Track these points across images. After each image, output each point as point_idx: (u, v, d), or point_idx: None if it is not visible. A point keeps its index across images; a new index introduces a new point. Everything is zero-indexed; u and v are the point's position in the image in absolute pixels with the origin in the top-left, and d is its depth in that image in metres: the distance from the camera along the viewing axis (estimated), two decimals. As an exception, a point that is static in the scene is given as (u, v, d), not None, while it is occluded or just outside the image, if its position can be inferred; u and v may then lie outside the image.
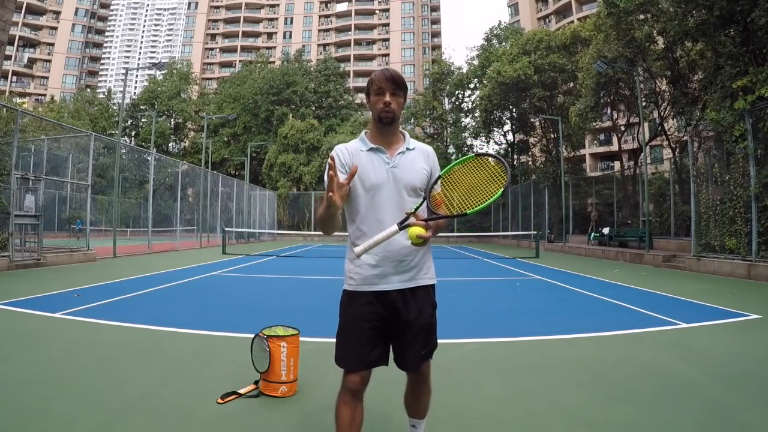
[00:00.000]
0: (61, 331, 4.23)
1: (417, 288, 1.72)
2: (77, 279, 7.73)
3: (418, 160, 1.72)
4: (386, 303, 1.68)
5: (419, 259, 1.72)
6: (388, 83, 1.65)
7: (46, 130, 14.56)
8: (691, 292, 7.20)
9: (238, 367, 3.10)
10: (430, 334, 1.75)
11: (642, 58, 19.04)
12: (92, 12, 66.41)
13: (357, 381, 1.66)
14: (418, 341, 1.71)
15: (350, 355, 1.67)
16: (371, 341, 1.67)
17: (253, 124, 44.56)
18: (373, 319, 1.67)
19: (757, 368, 3.33)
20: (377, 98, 1.67)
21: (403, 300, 1.69)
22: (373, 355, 1.67)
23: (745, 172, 9.75)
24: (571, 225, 24.14)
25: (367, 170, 1.67)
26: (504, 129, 35.96)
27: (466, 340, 3.98)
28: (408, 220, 1.52)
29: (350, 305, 1.71)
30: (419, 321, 1.70)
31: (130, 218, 29.25)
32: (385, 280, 1.68)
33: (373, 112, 1.70)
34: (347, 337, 1.69)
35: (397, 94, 1.67)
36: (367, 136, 1.75)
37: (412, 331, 1.69)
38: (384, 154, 1.70)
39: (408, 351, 1.71)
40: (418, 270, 1.72)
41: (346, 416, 1.64)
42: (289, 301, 6.43)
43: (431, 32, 67.69)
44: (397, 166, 1.68)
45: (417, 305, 1.70)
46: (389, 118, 1.67)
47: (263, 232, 27.73)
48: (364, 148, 1.71)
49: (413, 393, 1.88)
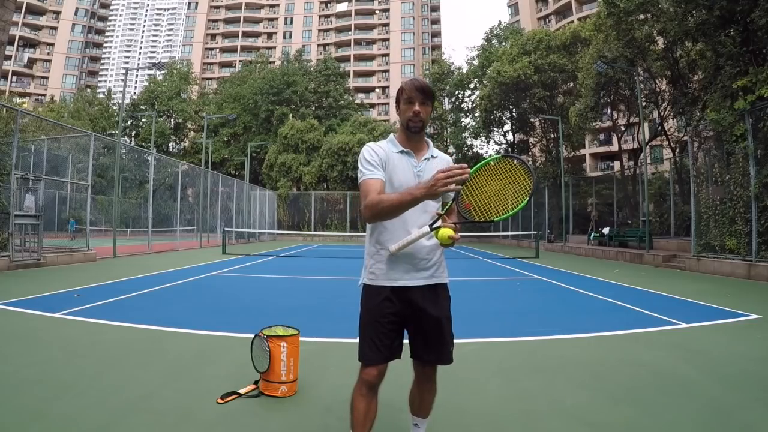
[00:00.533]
0: (61, 331, 4.23)
1: (437, 285, 1.81)
2: (77, 279, 7.73)
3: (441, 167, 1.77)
4: (405, 298, 1.74)
5: (438, 257, 1.81)
6: (417, 93, 1.73)
7: (46, 130, 14.54)
8: (691, 292, 7.20)
9: (238, 367, 3.10)
10: (450, 330, 1.84)
11: (642, 58, 19.05)
12: (92, 12, 66.37)
13: (374, 374, 1.72)
14: (444, 333, 1.80)
15: (367, 349, 1.73)
16: (389, 335, 1.73)
17: (253, 124, 44.54)
18: (391, 314, 1.73)
19: (757, 368, 3.33)
20: (407, 107, 1.75)
21: (422, 296, 1.76)
22: (389, 350, 1.74)
23: (745, 172, 9.75)
24: (571, 225, 24.14)
25: (396, 170, 1.76)
26: (504, 129, 35.99)
27: (466, 340, 3.97)
28: (438, 221, 1.60)
29: (369, 299, 1.77)
30: (442, 314, 1.80)
31: (130, 218, 29.22)
32: (406, 276, 1.75)
33: (402, 119, 1.79)
34: (366, 331, 1.76)
35: (426, 104, 1.75)
36: (396, 139, 1.83)
37: (436, 324, 1.78)
38: (413, 158, 1.79)
39: (435, 343, 1.79)
40: (437, 268, 1.81)
41: (361, 408, 1.71)
42: (289, 301, 6.43)
43: (431, 32, 67.66)
44: (423, 171, 1.77)
45: (438, 300, 1.80)
46: (418, 127, 1.75)
47: (263, 232, 27.72)
48: (395, 150, 1.79)
49: (419, 391, 1.92)
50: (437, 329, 1.79)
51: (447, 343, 1.82)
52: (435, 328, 1.79)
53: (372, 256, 1.79)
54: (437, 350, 1.81)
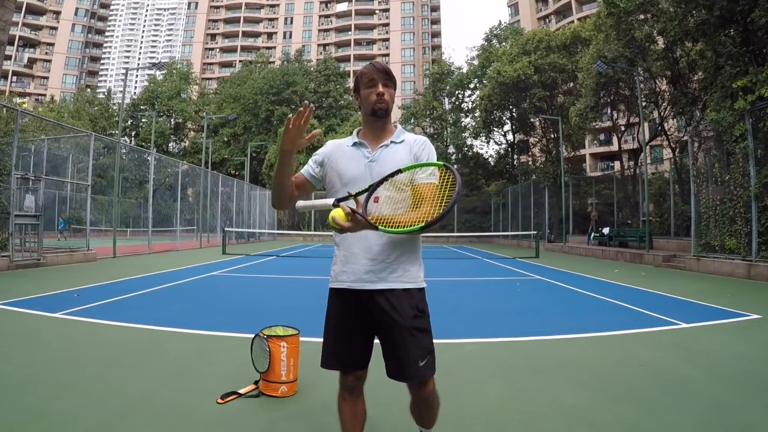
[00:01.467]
0: (61, 331, 4.23)
1: (394, 290, 1.56)
2: (77, 279, 7.73)
3: (401, 152, 1.61)
4: (362, 303, 1.59)
5: (394, 258, 1.57)
6: (379, 74, 1.61)
7: (46, 130, 14.55)
8: (691, 292, 7.19)
9: (238, 367, 3.10)
10: (414, 340, 1.55)
11: (642, 58, 19.05)
12: (92, 12, 66.39)
13: (350, 379, 1.66)
14: (407, 347, 1.54)
15: (325, 355, 1.65)
16: (345, 341, 1.62)
17: (253, 124, 44.56)
18: (344, 318, 1.62)
19: (757, 368, 3.33)
20: (369, 90, 1.61)
21: (380, 302, 1.56)
22: (350, 357, 1.62)
23: (745, 172, 9.75)
24: (571, 225, 24.14)
25: (348, 165, 1.63)
26: (504, 129, 36.01)
27: (466, 340, 3.97)
28: (346, 200, 1.42)
29: (329, 302, 1.68)
30: (404, 324, 1.54)
31: (130, 218, 29.22)
32: (350, 278, 1.59)
33: (365, 106, 1.64)
34: (325, 335, 1.67)
35: (389, 86, 1.62)
36: (357, 132, 1.71)
37: (395, 336, 1.55)
38: (366, 148, 1.64)
39: (394, 358, 1.57)
40: (390, 271, 1.57)
41: (346, 413, 1.68)
42: (289, 301, 6.43)
43: (431, 32, 67.70)
44: (375, 160, 1.61)
45: (394, 308, 1.55)
46: (383, 109, 1.61)
47: (263, 232, 27.73)
48: (350, 143, 1.69)
49: (416, 406, 1.75)
50: (397, 342, 1.55)
51: (411, 358, 1.54)
52: (394, 340, 1.55)
53: (334, 255, 1.67)
54: (398, 366, 1.56)
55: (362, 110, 1.68)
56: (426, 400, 1.67)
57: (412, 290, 1.59)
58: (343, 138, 1.78)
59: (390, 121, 1.69)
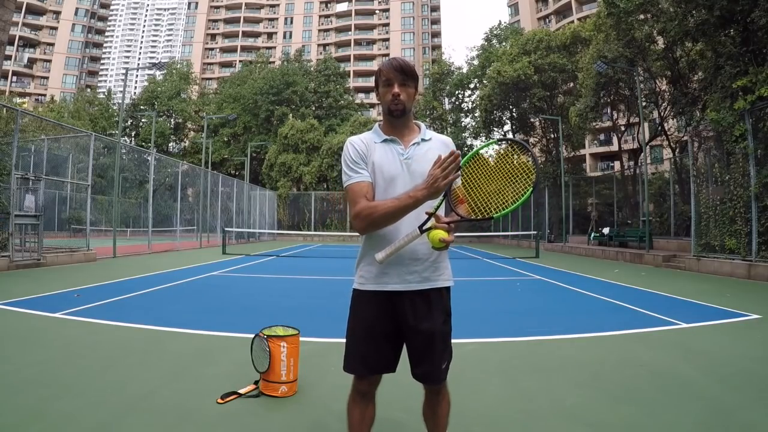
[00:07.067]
0: (61, 331, 4.23)
1: (430, 291, 1.58)
2: (77, 279, 7.73)
3: (434, 151, 1.55)
4: (394, 305, 1.57)
5: (434, 257, 1.59)
6: (396, 73, 1.55)
7: (46, 130, 14.55)
8: (691, 292, 7.20)
9: (238, 367, 3.10)
10: (443, 345, 1.59)
11: (642, 58, 19.05)
12: (92, 12, 66.39)
13: (365, 384, 1.64)
14: (434, 348, 1.57)
15: (352, 359, 1.61)
16: (375, 345, 1.58)
17: (253, 124, 44.55)
18: (377, 322, 1.57)
19: (757, 368, 3.33)
20: (386, 90, 1.57)
21: (411, 304, 1.56)
22: (376, 361, 1.59)
23: (745, 172, 9.75)
24: (571, 225, 24.13)
25: (384, 162, 1.58)
26: (504, 129, 35.95)
27: (466, 340, 3.97)
28: (429, 222, 1.43)
29: (357, 305, 1.63)
30: (429, 329, 1.56)
31: (130, 218, 29.21)
32: (393, 279, 1.55)
33: (383, 104, 1.61)
34: (352, 339, 1.63)
35: (407, 84, 1.57)
36: (380, 128, 1.66)
37: (425, 337, 1.56)
38: (399, 145, 1.60)
39: (421, 359, 1.58)
40: (433, 270, 1.59)
41: (356, 416, 1.65)
42: (289, 301, 6.43)
43: (431, 32, 67.71)
44: (411, 157, 1.58)
45: (427, 311, 1.56)
46: (399, 110, 1.57)
47: (263, 232, 27.73)
48: (378, 139, 1.62)
49: (430, 405, 1.74)
50: (425, 343, 1.56)
51: (437, 359, 1.58)
52: (423, 341, 1.56)
53: (363, 257, 1.62)
54: (424, 367, 1.59)
55: (382, 108, 1.65)
56: (438, 392, 1.70)
57: (443, 290, 1.62)
58: (354, 135, 1.73)
59: (411, 119, 1.66)
